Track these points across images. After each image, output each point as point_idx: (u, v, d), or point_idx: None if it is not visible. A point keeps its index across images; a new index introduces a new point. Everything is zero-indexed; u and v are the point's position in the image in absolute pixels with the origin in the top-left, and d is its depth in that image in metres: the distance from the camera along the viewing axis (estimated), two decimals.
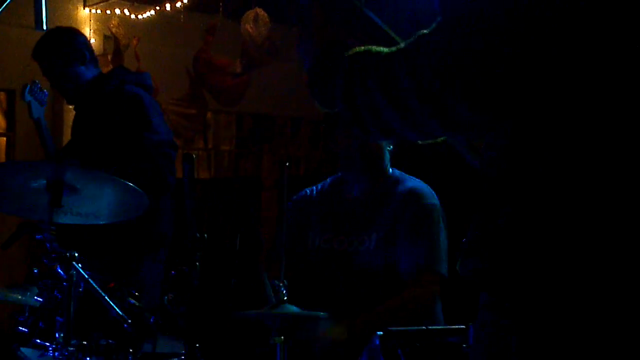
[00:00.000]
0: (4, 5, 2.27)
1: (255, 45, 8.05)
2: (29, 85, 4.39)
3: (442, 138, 1.52)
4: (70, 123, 7.27)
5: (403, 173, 3.44)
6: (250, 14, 7.95)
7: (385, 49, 1.45)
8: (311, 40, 1.60)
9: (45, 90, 4.48)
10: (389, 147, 3.39)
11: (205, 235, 2.96)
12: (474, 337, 1.45)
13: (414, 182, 3.39)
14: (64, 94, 4.35)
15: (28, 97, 4.41)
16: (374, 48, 1.46)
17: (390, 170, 3.42)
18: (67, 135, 7.50)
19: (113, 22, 7.71)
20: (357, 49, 1.48)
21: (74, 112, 4.43)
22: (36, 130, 4.50)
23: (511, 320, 1.34)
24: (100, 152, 4.07)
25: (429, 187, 3.38)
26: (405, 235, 3.26)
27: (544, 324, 1.31)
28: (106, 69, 7.34)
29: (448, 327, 2.87)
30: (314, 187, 3.55)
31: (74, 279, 2.85)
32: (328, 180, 3.55)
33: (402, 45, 1.43)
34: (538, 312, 1.31)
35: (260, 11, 7.95)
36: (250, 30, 7.90)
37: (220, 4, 8.07)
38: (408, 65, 1.38)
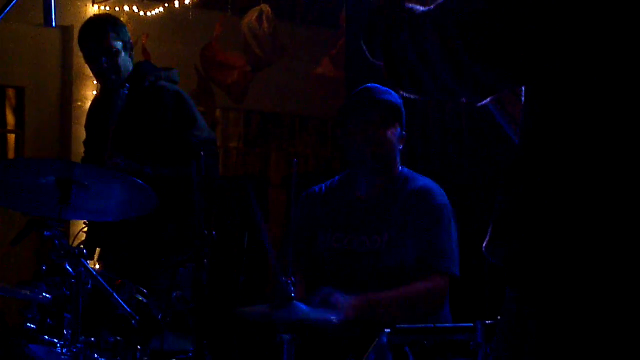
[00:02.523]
0: (12, 2, 2.27)
1: (259, 42, 8.04)
2: None
3: (462, 99, 1.57)
4: (78, 120, 7.26)
5: (412, 171, 3.43)
6: (253, 12, 7.94)
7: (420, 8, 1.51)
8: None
9: None
10: (400, 146, 3.38)
11: (214, 232, 2.97)
12: (497, 329, 1.46)
13: (423, 180, 3.38)
14: (107, 80, 4.17)
15: None
16: (413, 6, 1.51)
17: (400, 168, 3.42)
18: (75, 131, 7.51)
19: (122, 19, 7.72)
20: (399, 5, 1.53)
21: (82, 109, 4.42)
22: None
23: (531, 308, 1.34)
24: (146, 150, 4.04)
25: (438, 185, 3.38)
26: (416, 235, 3.25)
27: (562, 311, 1.31)
28: None
29: (455, 325, 2.87)
30: (323, 185, 3.54)
31: (82, 275, 2.86)
32: (337, 177, 3.54)
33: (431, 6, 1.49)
34: (556, 299, 1.31)
35: (265, 7, 7.94)
36: (254, 27, 7.88)
37: (229, 0, 8.07)
38: (433, 25, 1.43)
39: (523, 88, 1.48)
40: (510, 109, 1.67)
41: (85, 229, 4.04)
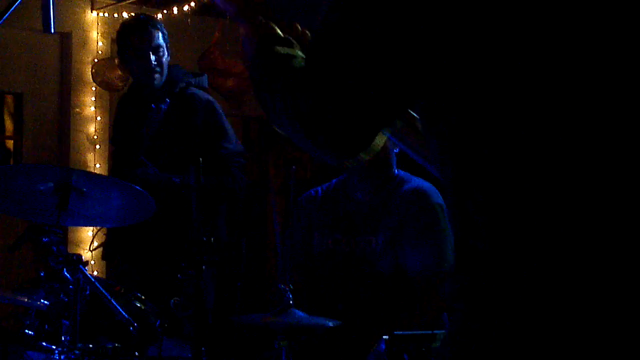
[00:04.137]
0: (12, 8, 2.28)
1: None
2: None
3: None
4: (77, 126, 7.24)
5: (408, 173, 3.44)
6: None
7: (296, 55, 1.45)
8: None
9: None
10: (396, 149, 3.39)
11: (212, 238, 2.97)
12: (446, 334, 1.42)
13: (418, 181, 3.39)
14: (151, 78, 4.06)
15: None
16: (294, 56, 1.46)
17: (396, 171, 3.43)
18: (74, 137, 7.51)
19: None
20: (277, 48, 1.50)
21: (80, 115, 4.38)
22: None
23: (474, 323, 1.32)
24: (174, 159, 3.97)
25: (433, 186, 3.38)
26: (412, 236, 3.26)
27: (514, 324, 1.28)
28: (114, 72, 7.35)
29: None
30: (319, 188, 3.56)
31: (80, 282, 2.86)
32: (333, 181, 3.56)
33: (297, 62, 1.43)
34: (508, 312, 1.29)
35: None
36: None
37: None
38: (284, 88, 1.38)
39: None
40: (410, 140, 1.65)
41: (92, 232, 4.02)
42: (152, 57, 4.02)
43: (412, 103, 1.34)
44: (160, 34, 4.08)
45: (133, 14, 7.76)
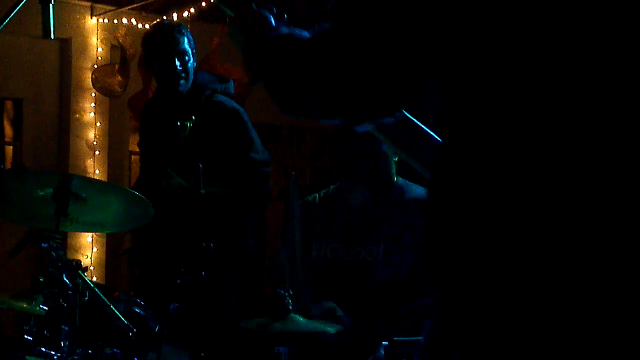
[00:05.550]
0: (11, 14, 2.28)
1: None
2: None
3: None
4: (76, 132, 7.24)
5: (408, 181, 3.43)
6: None
7: (303, 35, 1.50)
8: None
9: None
10: (395, 157, 3.39)
11: (211, 244, 2.97)
12: (425, 335, 1.45)
13: (420, 189, 3.39)
14: (176, 84, 4.03)
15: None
16: (294, 34, 1.50)
17: (395, 178, 3.42)
18: (73, 143, 7.51)
19: (120, 32, 7.73)
20: (282, 33, 1.53)
21: (80, 121, 4.37)
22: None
23: (458, 320, 1.34)
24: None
25: None
26: (414, 245, 3.25)
27: (489, 324, 1.30)
28: (113, 78, 7.35)
29: None
30: (317, 195, 3.54)
31: (80, 287, 2.86)
32: (331, 187, 3.55)
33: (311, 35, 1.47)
34: (482, 310, 1.31)
35: None
36: None
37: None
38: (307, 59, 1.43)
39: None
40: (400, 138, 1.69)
41: (91, 238, 4.02)
42: (177, 62, 4.01)
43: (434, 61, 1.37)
44: (185, 39, 4.06)
45: (133, 20, 7.78)
